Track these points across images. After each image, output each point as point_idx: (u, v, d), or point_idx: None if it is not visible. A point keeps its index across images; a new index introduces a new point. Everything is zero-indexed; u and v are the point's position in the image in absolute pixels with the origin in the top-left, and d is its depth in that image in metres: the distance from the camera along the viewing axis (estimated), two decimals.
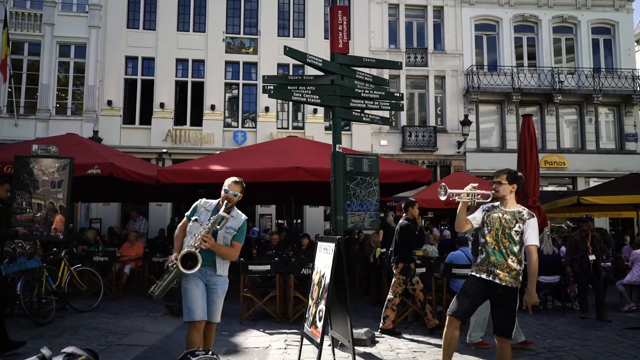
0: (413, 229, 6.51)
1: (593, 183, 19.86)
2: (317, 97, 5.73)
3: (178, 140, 18.67)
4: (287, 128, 19.41)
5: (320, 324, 4.47)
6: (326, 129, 19.49)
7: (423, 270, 6.95)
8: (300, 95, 5.65)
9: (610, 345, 5.96)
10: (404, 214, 6.69)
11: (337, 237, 4.68)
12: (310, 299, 4.96)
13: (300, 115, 19.94)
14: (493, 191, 3.93)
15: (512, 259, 3.80)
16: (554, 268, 8.31)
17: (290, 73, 19.64)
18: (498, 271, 3.81)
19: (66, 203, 7.26)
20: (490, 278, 3.84)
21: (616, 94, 20.42)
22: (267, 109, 19.19)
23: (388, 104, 6.09)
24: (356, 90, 5.95)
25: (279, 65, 19.42)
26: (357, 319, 6.39)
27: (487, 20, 21.05)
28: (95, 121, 18.42)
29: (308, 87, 5.74)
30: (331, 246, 4.67)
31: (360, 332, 5.74)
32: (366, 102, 5.97)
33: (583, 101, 20.67)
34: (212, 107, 18.99)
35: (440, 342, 4.16)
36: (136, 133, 18.76)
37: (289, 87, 5.71)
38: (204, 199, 4.27)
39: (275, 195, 13.11)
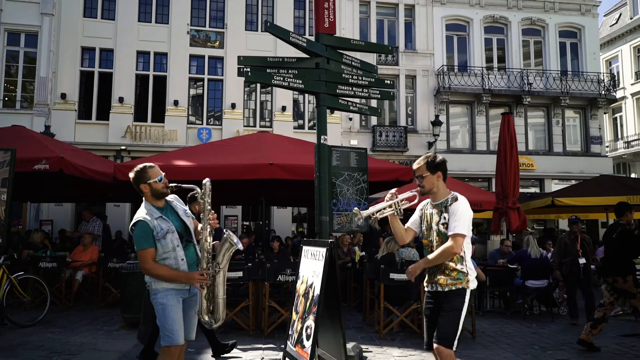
0: (633, 234, 6.03)
1: (559, 185, 19.96)
2: (300, 81, 5.06)
3: (138, 137, 17.59)
4: (255, 126, 18.63)
5: (308, 344, 3.80)
6: (295, 128, 18.85)
7: None
8: (281, 79, 4.97)
9: (615, 356, 5.55)
10: (616, 219, 6.07)
11: (329, 241, 4.02)
12: (294, 313, 4.28)
13: (267, 113, 19.19)
14: (418, 188, 3.35)
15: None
16: (542, 272, 7.90)
17: None
18: (438, 276, 3.23)
19: (7, 201, 6.32)
20: (433, 288, 3.26)
21: (582, 96, 20.60)
22: (233, 106, 18.36)
23: (378, 92, 5.48)
24: (343, 75, 5.32)
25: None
26: None
27: (457, 21, 20.88)
28: (48, 115, 17.14)
29: (290, 71, 5.07)
30: (321, 251, 4.01)
31: (347, 347, 5.09)
32: (354, 89, 5.34)
33: (550, 103, 20.76)
34: (175, 103, 18.00)
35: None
36: (93, 129, 17.58)
37: (268, 70, 5.02)
38: (144, 215, 3.40)
39: (244, 195, 12.34)
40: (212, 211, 3.43)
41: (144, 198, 3.47)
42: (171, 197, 3.57)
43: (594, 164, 20.26)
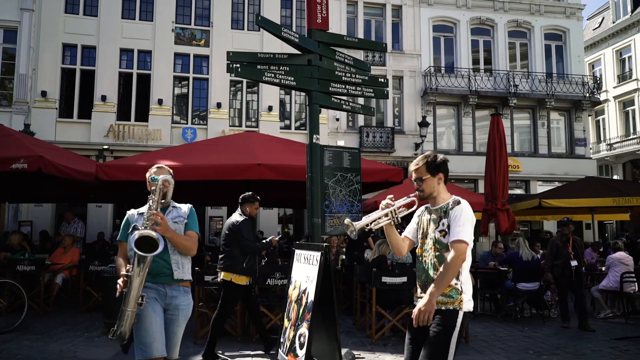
0: None
1: (543, 186, 20.06)
2: (292, 78, 4.87)
3: (121, 137, 17.22)
4: (240, 126, 18.37)
5: (302, 352, 3.62)
6: (282, 128, 18.64)
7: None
8: (272, 75, 4.78)
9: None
10: None
11: (324, 244, 3.84)
12: (286, 320, 4.09)
13: (253, 112, 18.95)
14: (417, 192, 2.95)
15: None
16: (533, 274, 7.82)
17: None
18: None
19: None
20: None
21: (567, 99, 20.75)
22: (219, 105, 18.09)
23: (372, 90, 5.32)
24: (336, 73, 5.15)
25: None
26: None
27: (445, 22, 20.88)
28: (27, 113, 16.68)
29: (281, 67, 4.88)
30: (315, 256, 3.83)
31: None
32: (347, 87, 5.17)
33: (536, 105, 20.87)
34: (160, 102, 17.66)
35: None
36: (74, 128, 17.15)
37: (259, 66, 4.83)
38: (132, 209, 3.39)
39: (229, 195, 12.09)
40: (159, 212, 3.15)
41: None
42: (184, 207, 3.46)
43: (579, 166, 20.41)
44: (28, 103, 16.73)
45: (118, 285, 3.02)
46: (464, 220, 2.76)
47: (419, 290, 2.89)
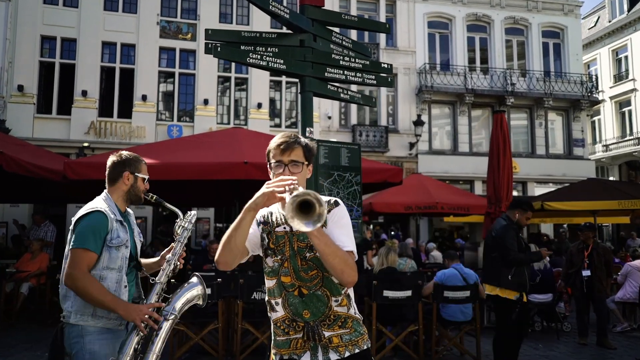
0: None
1: (540, 188, 19.55)
2: (282, 61, 4.16)
3: (103, 134, 16.38)
4: (229, 123, 17.60)
5: None
6: (271, 126, 17.91)
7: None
8: (258, 57, 4.06)
9: None
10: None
11: None
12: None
13: (242, 110, 18.20)
14: (289, 183, 1.87)
15: (336, 299, 2.03)
16: (545, 285, 7.17)
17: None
18: (326, 335, 1.99)
19: None
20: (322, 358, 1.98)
21: (566, 98, 20.23)
22: (206, 102, 17.32)
23: (374, 77, 4.62)
24: (333, 56, 4.45)
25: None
26: None
27: (440, 18, 20.27)
28: (3, 109, 15.78)
29: (269, 48, 4.17)
30: None
31: None
32: (346, 72, 4.47)
33: (534, 105, 20.33)
34: (144, 98, 16.84)
35: None
36: (53, 124, 16.28)
37: (242, 47, 4.11)
38: (102, 205, 2.58)
39: (216, 196, 11.37)
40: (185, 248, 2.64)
41: (106, 192, 2.64)
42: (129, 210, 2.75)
43: (577, 167, 19.91)
44: (4, 97, 15.84)
45: (150, 321, 2.35)
46: (342, 223, 2.04)
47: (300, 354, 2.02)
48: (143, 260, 2.77)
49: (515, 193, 19.63)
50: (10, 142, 8.15)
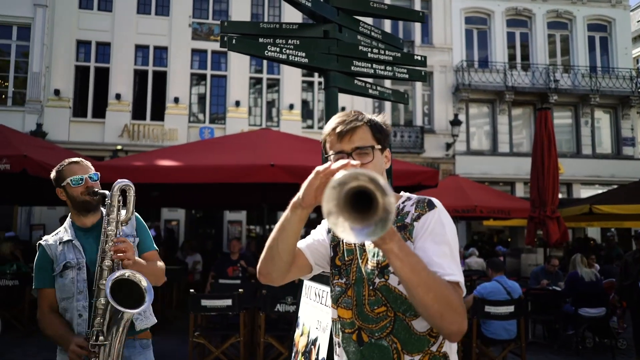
0: None
1: (586, 190, 18.55)
2: (304, 54, 3.78)
3: (136, 136, 16.45)
4: (261, 125, 17.39)
5: None
6: (304, 127, 17.62)
7: None
8: (277, 50, 3.69)
9: None
10: None
11: None
12: None
13: (275, 111, 17.98)
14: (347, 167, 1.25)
15: (425, 323, 1.38)
16: (597, 298, 6.54)
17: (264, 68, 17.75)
18: None
19: None
20: None
21: (614, 95, 19.12)
22: (237, 104, 17.16)
23: (406, 70, 4.18)
24: (360, 48, 4.04)
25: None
26: None
27: (478, 13, 19.51)
28: (40, 113, 16.05)
29: (290, 40, 3.79)
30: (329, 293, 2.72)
31: None
32: (374, 66, 4.05)
33: (579, 102, 19.30)
34: (176, 100, 16.83)
35: None
36: (88, 127, 16.45)
37: (261, 40, 3.75)
38: (46, 236, 2.37)
39: (245, 199, 11.14)
40: (121, 238, 2.17)
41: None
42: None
43: (626, 168, 18.75)
44: (41, 102, 16.11)
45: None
46: (443, 238, 1.40)
47: None
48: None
49: (559, 196, 18.68)
50: (37, 146, 8.13)
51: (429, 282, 1.25)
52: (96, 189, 2.28)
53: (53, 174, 2.38)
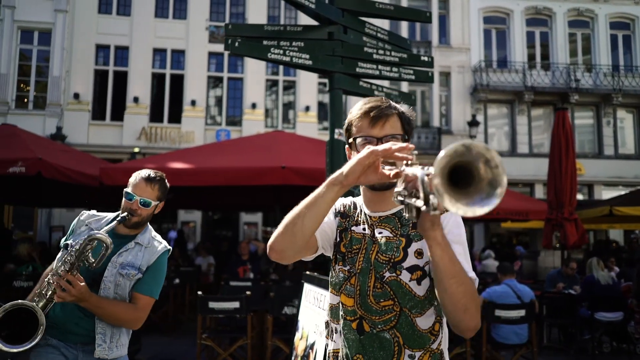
0: None
1: (609, 191, 18.12)
2: (308, 56, 3.77)
3: (153, 139, 16.63)
4: (277, 127, 17.44)
5: None
6: (320, 129, 17.60)
7: None
8: (281, 53, 3.69)
9: None
10: None
11: None
12: None
13: (291, 113, 18.01)
14: (406, 149, 1.22)
15: (412, 354, 1.41)
16: (615, 302, 6.37)
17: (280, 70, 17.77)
18: None
19: None
20: None
21: (637, 94, 18.66)
22: (254, 106, 17.23)
23: (412, 72, 4.14)
24: (365, 49, 4.00)
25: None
26: None
27: (496, 13, 19.25)
28: (60, 116, 16.35)
29: (294, 43, 3.79)
30: (327, 297, 2.69)
31: None
32: (380, 67, 4.02)
33: (600, 102, 18.88)
34: (193, 103, 16.99)
35: None
36: (106, 130, 16.71)
37: (264, 42, 3.75)
38: (89, 212, 2.37)
39: (259, 201, 11.17)
40: (72, 273, 2.07)
41: None
42: (156, 247, 2.34)
43: None
44: (61, 105, 16.41)
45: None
46: (461, 240, 1.44)
47: None
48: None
49: (580, 196, 18.29)
50: (53, 148, 8.26)
51: (462, 275, 1.30)
52: (135, 213, 2.28)
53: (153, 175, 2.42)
